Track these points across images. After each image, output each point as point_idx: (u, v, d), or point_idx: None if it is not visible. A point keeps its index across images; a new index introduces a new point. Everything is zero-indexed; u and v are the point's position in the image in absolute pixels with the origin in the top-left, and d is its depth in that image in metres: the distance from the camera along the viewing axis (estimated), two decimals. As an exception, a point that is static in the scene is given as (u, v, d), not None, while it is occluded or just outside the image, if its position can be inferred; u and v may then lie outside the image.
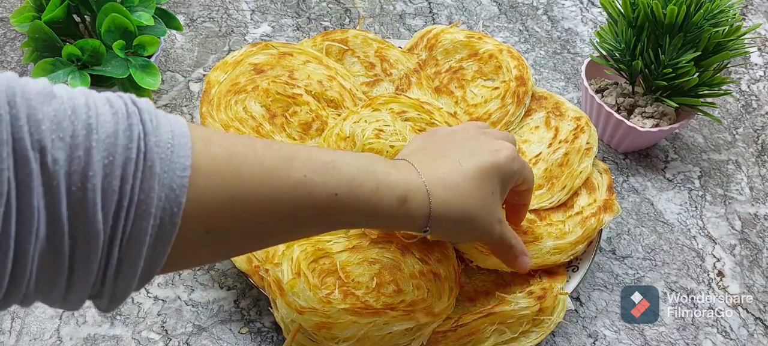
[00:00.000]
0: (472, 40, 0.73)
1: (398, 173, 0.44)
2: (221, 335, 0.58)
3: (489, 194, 0.47)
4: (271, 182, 0.37)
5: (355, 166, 0.41)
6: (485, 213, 0.47)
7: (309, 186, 0.38)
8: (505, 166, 0.48)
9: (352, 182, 0.40)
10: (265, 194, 0.36)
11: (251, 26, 0.87)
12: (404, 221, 0.44)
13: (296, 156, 0.39)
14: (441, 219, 0.45)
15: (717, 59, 0.68)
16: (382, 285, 0.57)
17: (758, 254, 0.69)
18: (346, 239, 0.59)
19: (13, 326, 0.57)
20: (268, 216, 0.37)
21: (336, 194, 0.39)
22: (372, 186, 0.41)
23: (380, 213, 0.42)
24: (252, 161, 0.36)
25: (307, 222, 0.40)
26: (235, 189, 0.35)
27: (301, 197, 0.38)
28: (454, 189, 0.46)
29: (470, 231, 0.48)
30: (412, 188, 0.44)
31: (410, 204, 0.43)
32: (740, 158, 0.78)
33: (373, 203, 0.41)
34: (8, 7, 0.86)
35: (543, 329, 0.56)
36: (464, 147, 0.49)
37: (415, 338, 0.52)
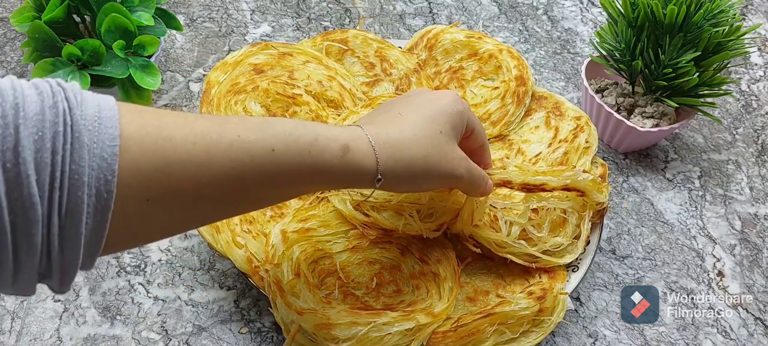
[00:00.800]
0: (472, 40, 0.73)
1: (340, 129, 0.44)
2: (221, 335, 0.58)
3: (438, 133, 0.48)
4: (205, 144, 0.37)
5: (292, 124, 0.42)
6: (438, 153, 0.47)
7: (244, 144, 0.39)
8: (449, 106, 0.49)
9: (288, 136, 0.40)
10: (200, 157, 0.37)
11: (251, 26, 0.87)
12: (351, 173, 0.44)
13: (229, 120, 0.39)
14: (391, 170, 0.45)
15: (717, 59, 0.68)
16: (382, 285, 0.57)
17: (758, 254, 0.69)
18: (346, 240, 0.59)
19: (13, 326, 0.57)
20: (206, 180, 0.37)
21: (272, 149, 0.40)
22: (310, 138, 0.41)
23: (323, 166, 0.42)
24: (183, 128, 0.37)
25: (250, 185, 0.40)
26: (168, 154, 0.36)
27: (237, 156, 0.38)
28: (399, 136, 0.46)
29: (429, 179, 0.48)
30: (353, 138, 0.44)
31: (354, 154, 0.43)
32: (740, 158, 0.78)
33: (313, 154, 0.41)
34: (8, 7, 0.86)
35: (543, 330, 0.56)
36: (411, 103, 0.50)
37: (414, 338, 0.52)
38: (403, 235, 0.58)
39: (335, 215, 0.60)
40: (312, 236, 0.58)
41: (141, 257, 0.63)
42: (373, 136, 0.45)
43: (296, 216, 0.59)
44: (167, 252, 0.64)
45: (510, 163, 0.59)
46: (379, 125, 0.47)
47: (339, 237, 0.59)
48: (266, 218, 0.61)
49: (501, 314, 0.54)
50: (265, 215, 0.61)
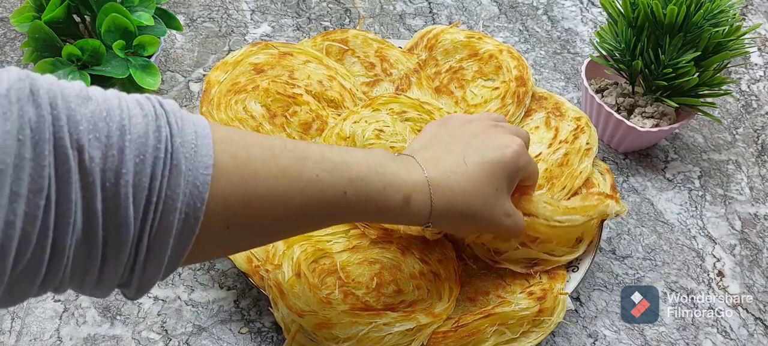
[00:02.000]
0: (472, 40, 0.73)
1: (406, 174, 0.46)
2: (221, 335, 0.58)
3: (493, 191, 0.49)
4: (285, 181, 0.39)
5: (365, 165, 0.43)
6: (488, 209, 0.49)
7: (320, 185, 0.41)
8: (511, 163, 0.50)
9: (361, 181, 0.43)
10: (279, 193, 0.39)
11: (251, 26, 0.87)
12: (406, 218, 0.46)
13: (310, 156, 0.41)
14: (442, 216, 0.47)
15: (717, 59, 0.68)
16: (383, 285, 0.57)
17: (758, 254, 0.69)
18: (346, 239, 0.59)
19: (13, 326, 0.57)
20: (281, 214, 0.40)
21: (345, 192, 0.42)
22: (379, 186, 0.44)
23: (385, 211, 0.45)
24: (268, 162, 0.39)
25: (316, 218, 0.43)
26: (251, 189, 0.37)
27: (312, 195, 0.40)
28: (456, 188, 0.47)
29: (472, 226, 0.51)
30: (416, 188, 0.46)
31: (413, 204, 0.46)
32: (740, 158, 0.78)
33: (379, 202, 0.44)
34: (8, 7, 0.86)
35: (543, 330, 0.56)
36: (472, 143, 0.50)
37: (415, 338, 0.52)
38: (404, 235, 0.58)
39: (335, 215, 0.59)
40: (312, 236, 0.58)
41: (141, 257, 0.63)
42: (434, 185, 0.46)
43: (296, 216, 0.59)
44: (167, 252, 0.64)
45: (539, 197, 0.57)
46: (442, 169, 0.48)
47: (339, 237, 0.59)
48: (266, 218, 0.61)
49: (501, 315, 0.54)
50: (265, 215, 0.61)
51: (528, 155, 0.52)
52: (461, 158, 0.49)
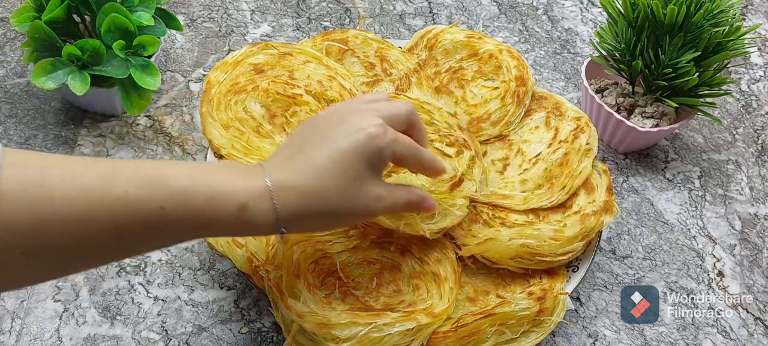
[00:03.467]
0: (472, 40, 0.73)
1: (241, 181, 0.42)
2: (221, 335, 0.58)
3: (351, 182, 0.45)
4: (87, 201, 0.37)
5: (190, 177, 0.40)
6: (349, 202, 0.45)
7: (130, 202, 0.38)
8: (367, 146, 0.45)
9: (182, 193, 0.39)
10: (81, 212, 0.36)
11: (251, 26, 0.87)
12: (249, 229, 0.43)
13: (120, 172, 0.38)
14: (294, 220, 0.44)
15: (717, 59, 0.68)
16: (382, 285, 0.57)
17: (758, 254, 0.69)
18: (346, 239, 0.59)
19: (13, 326, 0.57)
20: (85, 236, 0.37)
21: (162, 208, 0.38)
22: (205, 197, 0.40)
23: (217, 224, 0.41)
24: (67, 182, 0.36)
25: (135, 239, 0.40)
26: (45, 211, 0.36)
27: (120, 213, 0.37)
28: (304, 188, 0.43)
29: (339, 222, 0.48)
30: (254, 195, 0.42)
31: (252, 212, 0.42)
32: (740, 158, 0.78)
33: (207, 214, 0.40)
34: (8, 7, 0.86)
35: (543, 330, 0.56)
36: (327, 136, 0.46)
37: (415, 338, 0.52)
38: (404, 235, 0.58)
39: (335, 215, 0.59)
40: (312, 236, 0.58)
41: (141, 257, 0.63)
42: (278, 188, 0.42)
43: (296, 216, 0.59)
44: (167, 252, 0.64)
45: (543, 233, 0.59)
46: (286, 169, 0.44)
47: (339, 237, 0.59)
48: (266, 218, 0.61)
49: (501, 315, 0.54)
50: (265, 215, 0.61)
51: (391, 134, 0.46)
52: (312, 156, 0.44)
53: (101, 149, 0.71)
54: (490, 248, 0.58)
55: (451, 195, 0.60)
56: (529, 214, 0.63)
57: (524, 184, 0.64)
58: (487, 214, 0.62)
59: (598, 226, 0.59)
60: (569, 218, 0.61)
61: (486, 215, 0.62)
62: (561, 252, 0.58)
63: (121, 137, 0.72)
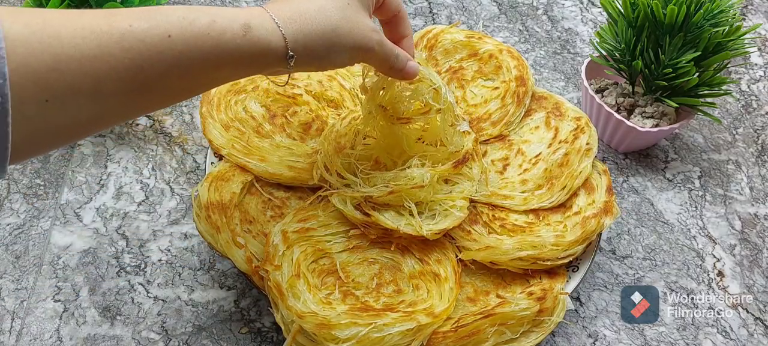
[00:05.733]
0: (472, 40, 0.73)
1: (238, 9, 0.43)
2: (221, 335, 0.58)
3: (345, 4, 0.46)
4: (96, 37, 0.36)
5: (186, 9, 0.40)
6: (349, 23, 0.46)
7: (137, 34, 0.37)
8: None
9: (182, 20, 0.39)
10: (92, 50, 0.36)
11: (251, 26, 0.87)
12: (258, 53, 0.42)
13: (117, 12, 0.38)
14: (300, 43, 0.44)
15: (717, 59, 0.68)
16: (382, 285, 0.57)
17: (758, 254, 0.69)
18: (346, 240, 0.59)
19: (13, 326, 0.57)
20: (103, 73, 0.36)
21: (169, 35, 0.38)
22: (207, 20, 0.40)
23: (226, 47, 0.41)
24: (68, 23, 0.36)
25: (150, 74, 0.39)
26: (57, 51, 0.35)
27: (132, 46, 0.37)
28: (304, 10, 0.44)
29: (342, 46, 0.46)
30: (254, 16, 0.42)
31: (257, 30, 0.42)
32: (740, 158, 0.78)
33: (213, 36, 0.40)
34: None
35: (543, 330, 0.56)
36: None
37: (415, 338, 0.52)
38: (404, 235, 0.58)
39: (335, 215, 0.59)
40: (312, 236, 0.58)
41: (141, 257, 0.63)
42: (276, 12, 0.43)
43: (296, 216, 0.59)
44: (167, 252, 0.64)
45: (542, 230, 0.60)
46: (281, 3, 0.45)
47: (339, 237, 0.59)
48: (266, 218, 0.61)
49: (501, 315, 0.54)
50: (265, 215, 0.61)
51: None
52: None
53: (101, 149, 0.71)
54: (491, 255, 0.58)
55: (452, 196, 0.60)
56: (529, 214, 0.63)
57: (524, 184, 0.64)
58: (487, 215, 0.62)
59: (599, 228, 0.59)
60: (569, 219, 0.61)
61: (486, 216, 0.62)
62: (562, 256, 0.58)
63: (121, 137, 0.72)
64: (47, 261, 0.62)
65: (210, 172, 0.61)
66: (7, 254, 0.62)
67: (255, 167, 0.62)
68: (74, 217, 0.65)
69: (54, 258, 0.62)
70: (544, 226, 0.61)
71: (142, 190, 0.68)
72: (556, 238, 0.58)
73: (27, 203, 0.66)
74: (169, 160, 0.71)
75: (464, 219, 0.60)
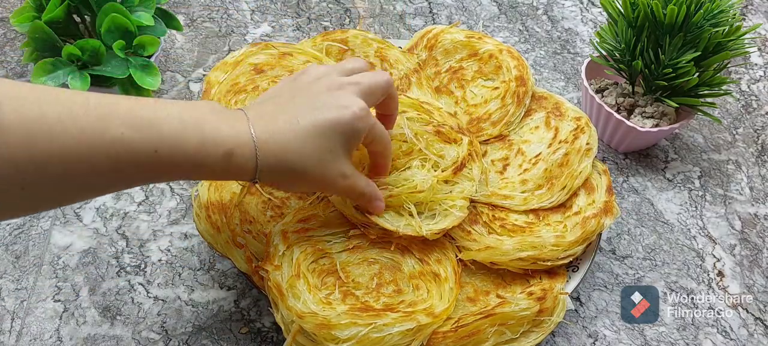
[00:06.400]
0: (472, 40, 0.73)
1: (228, 129, 0.44)
2: (221, 335, 0.58)
3: (326, 152, 0.48)
4: (87, 141, 0.38)
5: (181, 120, 0.42)
6: (320, 170, 0.48)
7: (127, 144, 0.39)
8: (348, 126, 0.48)
9: (174, 139, 0.41)
10: (80, 151, 0.38)
11: (251, 26, 0.87)
12: (230, 174, 0.45)
13: (116, 113, 0.39)
14: (270, 172, 0.46)
15: (717, 59, 0.68)
16: (382, 285, 0.57)
17: (758, 254, 0.69)
18: (346, 240, 0.59)
19: (13, 326, 0.57)
20: (83, 174, 0.38)
21: (156, 151, 0.40)
22: (196, 142, 0.42)
23: (204, 168, 0.43)
24: (66, 121, 0.37)
25: (129, 177, 0.41)
26: (45, 148, 0.36)
27: (118, 154, 0.39)
28: (285, 145, 0.46)
29: (304, 184, 0.51)
30: (240, 143, 0.44)
31: (236, 159, 0.44)
32: (740, 158, 0.78)
33: (197, 159, 0.42)
34: (8, 7, 0.86)
35: (543, 330, 0.56)
36: (312, 101, 0.49)
37: (415, 338, 0.52)
38: (404, 235, 0.58)
39: (335, 215, 0.59)
40: (312, 236, 0.58)
41: (141, 257, 0.63)
42: (259, 139, 0.45)
43: (296, 216, 0.59)
44: (167, 252, 0.64)
45: (542, 230, 0.60)
46: (269, 122, 0.46)
47: (339, 237, 0.59)
48: (266, 218, 0.61)
49: (501, 315, 0.54)
50: (265, 215, 0.61)
51: (370, 119, 0.50)
52: (296, 116, 0.47)
53: (101, 149, 0.71)
54: (491, 256, 0.58)
55: (452, 196, 0.60)
56: (529, 214, 0.63)
57: (524, 184, 0.64)
58: (487, 215, 0.62)
59: (599, 228, 0.59)
60: (569, 219, 0.61)
61: (486, 216, 0.62)
62: (562, 256, 0.58)
63: (121, 137, 0.72)
64: (47, 261, 0.62)
65: (210, 172, 0.61)
66: (7, 254, 0.62)
67: (255, 167, 0.62)
68: (74, 217, 0.66)
69: (54, 258, 0.62)
70: (544, 226, 0.61)
71: (142, 190, 0.68)
72: (557, 238, 0.58)
73: (27, 203, 0.66)
74: (169, 161, 0.71)
75: (464, 219, 0.60)
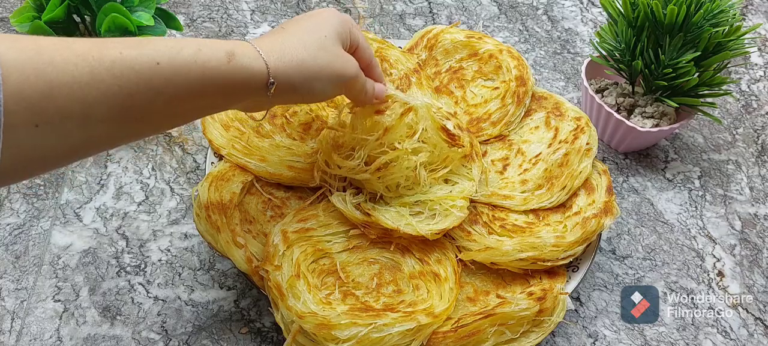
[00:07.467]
0: (472, 40, 0.73)
1: (223, 40, 0.45)
2: (221, 335, 0.58)
3: (322, 37, 0.49)
4: (88, 64, 0.37)
5: (173, 40, 0.42)
6: (328, 54, 0.49)
7: (127, 61, 0.39)
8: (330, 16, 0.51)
9: (170, 49, 0.41)
10: (84, 77, 0.37)
11: (251, 26, 0.87)
12: (241, 80, 0.44)
13: (108, 41, 0.40)
14: (283, 71, 0.46)
15: (717, 59, 0.68)
16: (382, 285, 0.57)
17: (758, 254, 0.69)
18: (346, 240, 0.59)
19: (13, 326, 0.57)
20: (93, 99, 0.38)
21: (157, 62, 0.40)
22: (193, 49, 0.42)
23: (211, 74, 0.42)
24: (63, 50, 0.37)
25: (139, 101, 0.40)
26: (51, 77, 0.36)
27: (122, 73, 0.39)
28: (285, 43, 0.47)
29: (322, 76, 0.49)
30: (238, 45, 0.45)
31: (240, 58, 0.44)
32: (740, 158, 0.78)
33: (199, 63, 0.42)
34: (8, 7, 0.86)
35: (543, 330, 0.56)
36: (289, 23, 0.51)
37: (415, 338, 0.52)
38: (404, 235, 0.58)
39: (335, 215, 0.59)
40: (312, 236, 0.58)
41: (141, 257, 0.63)
42: (258, 43, 0.46)
43: (296, 216, 0.59)
44: (167, 252, 0.64)
45: (542, 230, 0.60)
46: (264, 37, 0.48)
47: (339, 237, 0.59)
48: (266, 218, 0.61)
49: (501, 315, 0.54)
50: (265, 215, 0.61)
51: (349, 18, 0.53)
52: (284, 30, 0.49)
53: (101, 149, 0.71)
54: (491, 256, 0.58)
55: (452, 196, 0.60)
56: (529, 214, 0.63)
57: (524, 184, 0.64)
58: (487, 215, 0.62)
59: (599, 228, 0.59)
60: (569, 219, 0.61)
61: (486, 216, 0.62)
62: (562, 256, 0.58)
63: (121, 137, 0.72)
64: (47, 261, 0.62)
65: (210, 172, 0.61)
66: (7, 254, 0.62)
67: (255, 167, 0.62)
68: (74, 217, 0.66)
69: (54, 258, 0.62)
70: (544, 226, 0.61)
71: (142, 190, 0.68)
72: (557, 238, 0.58)
73: (27, 203, 0.66)
74: (169, 160, 0.71)
75: (464, 219, 0.60)
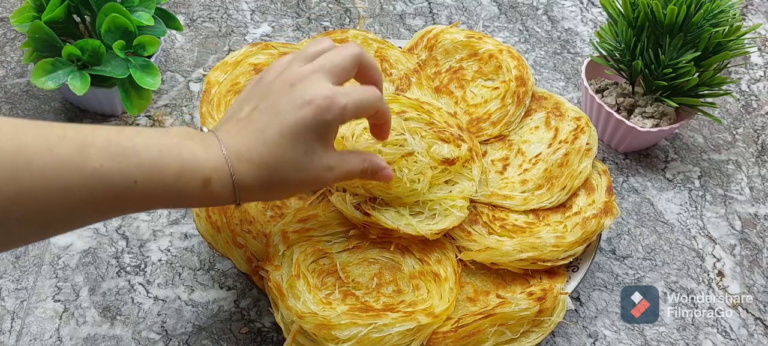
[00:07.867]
0: (472, 40, 0.73)
1: (204, 152, 0.43)
2: (221, 335, 0.58)
3: (302, 154, 0.45)
4: (65, 174, 0.37)
5: (159, 149, 0.41)
6: (301, 174, 0.46)
7: (105, 176, 0.38)
8: (315, 121, 0.45)
9: (153, 168, 0.40)
10: (58, 184, 0.37)
11: (251, 26, 0.87)
12: (210, 201, 0.44)
13: (93, 142, 0.39)
14: (250, 191, 0.45)
15: (717, 59, 0.68)
16: (382, 285, 0.57)
17: (758, 254, 0.69)
18: (346, 240, 0.59)
19: (13, 326, 0.57)
20: (64, 205, 0.38)
21: (135, 181, 0.39)
22: (175, 170, 0.41)
23: (183, 197, 0.42)
24: (43, 153, 0.36)
25: (106, 209, 0.40)
26: (24, 182, 0.36)
27: (97, 186, 0.38)
28: (258, 162, 0.44)
29: (290, 192, 0.49)
30: (216, 169, 0.43)
31: (214, 186, 0.43)
32: (740, 158, 0.78)
33: (176, 188, 0.41)
34: (8, 7, 0.86)
35: (543, 330, 0.56)
36: (274, 106, 0.45)
37: (415, 338, 0.52)
38: (404, 235, 0.58)
39: (335, 215, 0.59)
40: (312, 236, 0.58)
41: (141, 257, 0.63)
42: (235, 162, 0.43)
43: (296, 216, 0.59)
44: (167, 252, 0.64)
45: (542, 230, 0.60)
46: (238, 138, 0.44)
47: (339, 237, 0.59)
48: (266, 218, 0.61)
49: (501, 315, 0.54)
50: (265, 215, 0.61)
51: (341, 102, 0.45)
52: (261, 128, 0.45)
53: (101, 149, 0.71)
54: (491, 256, 0.58)
55: (452, 196, 0.60)
56: (529, 214, 0.63)
57: (524, 184, 0.64)
58: (487, 215, 0.62)
59: (599, 228, 0.59)
60: (569, 219, 0.61)
61: (486, 216, 0.62)
62: (562, 256, 0.58)
63: (121, 137, 0.72)
64: (47, 261, 0.62)
65: (210, 172, 0.61)
66: (7, 254, 0.62)
67: (255, 167, 0.62)
68: (74, 217, 0.65)
69: (54, 258, 0.62)
70: (544, 226, 0.61)
71: (142, 190, 0.68)
72: (557, 239, 0.58)
73: (27, 203, 0.66)
74: (169, 161, 0.71)
75: (464, 219, 0.60)
